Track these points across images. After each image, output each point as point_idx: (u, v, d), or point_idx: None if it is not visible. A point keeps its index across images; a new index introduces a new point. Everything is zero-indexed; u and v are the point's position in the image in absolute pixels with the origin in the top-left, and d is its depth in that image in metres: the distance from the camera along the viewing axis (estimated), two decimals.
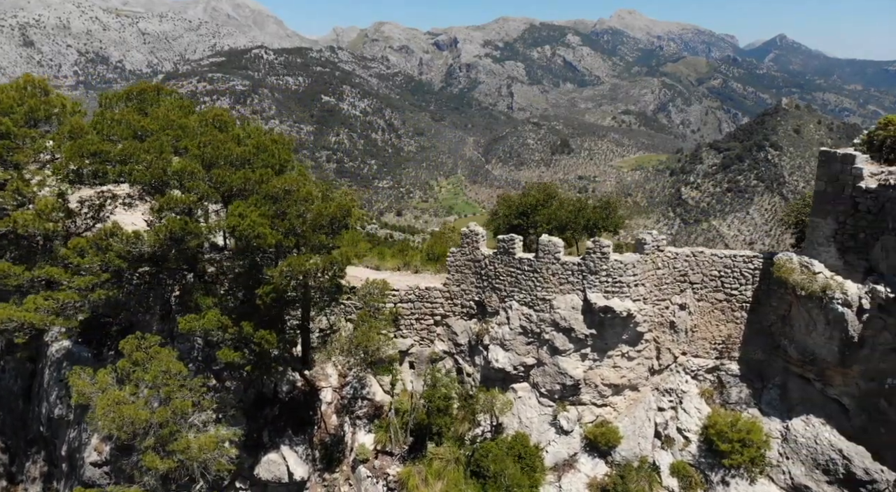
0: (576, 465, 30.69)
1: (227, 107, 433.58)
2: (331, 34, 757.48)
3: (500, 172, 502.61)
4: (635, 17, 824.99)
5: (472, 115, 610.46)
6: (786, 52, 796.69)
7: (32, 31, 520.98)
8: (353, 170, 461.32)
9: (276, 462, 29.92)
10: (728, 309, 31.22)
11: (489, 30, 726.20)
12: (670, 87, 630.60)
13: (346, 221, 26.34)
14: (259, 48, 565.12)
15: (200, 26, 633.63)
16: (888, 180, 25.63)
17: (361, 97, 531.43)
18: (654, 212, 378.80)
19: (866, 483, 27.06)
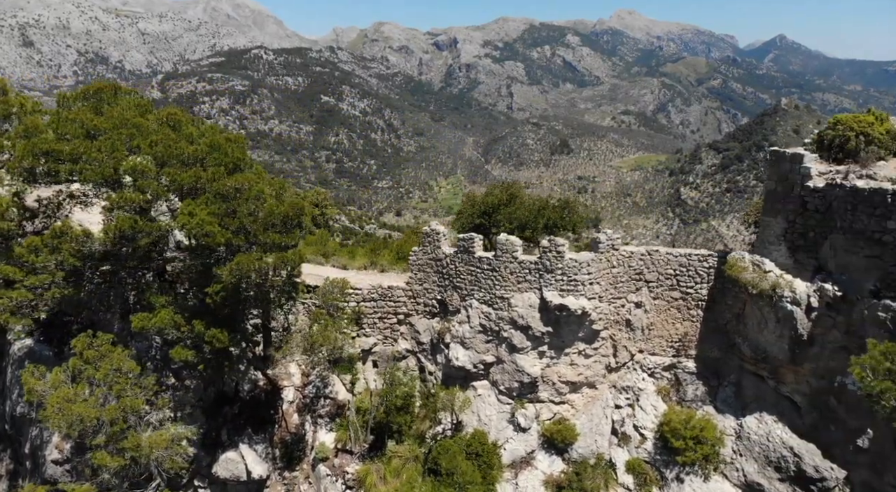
0: (533, 462, 30.91)
1: (226, 107, 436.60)
2: (330, 34, 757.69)
3: (499, 173, 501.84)
4: (635, 18, 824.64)
5: (472, 116, 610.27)
6: (785, 53, 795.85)
7: (32, 31, 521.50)
8: (353, 170, 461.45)
9: (235, 461, 30.09)
10: (684, 307, 31.45)
11: (489, 30, 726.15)
12: (670, 87, 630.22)
13: (299, 221, 26.49)
14: (259, 48, 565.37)
15: (200, 26, 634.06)
16: (835, 179, 25.84)
17: (361, 97, 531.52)
18: (654, 212, 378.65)
19: (816, 481, 27.25)
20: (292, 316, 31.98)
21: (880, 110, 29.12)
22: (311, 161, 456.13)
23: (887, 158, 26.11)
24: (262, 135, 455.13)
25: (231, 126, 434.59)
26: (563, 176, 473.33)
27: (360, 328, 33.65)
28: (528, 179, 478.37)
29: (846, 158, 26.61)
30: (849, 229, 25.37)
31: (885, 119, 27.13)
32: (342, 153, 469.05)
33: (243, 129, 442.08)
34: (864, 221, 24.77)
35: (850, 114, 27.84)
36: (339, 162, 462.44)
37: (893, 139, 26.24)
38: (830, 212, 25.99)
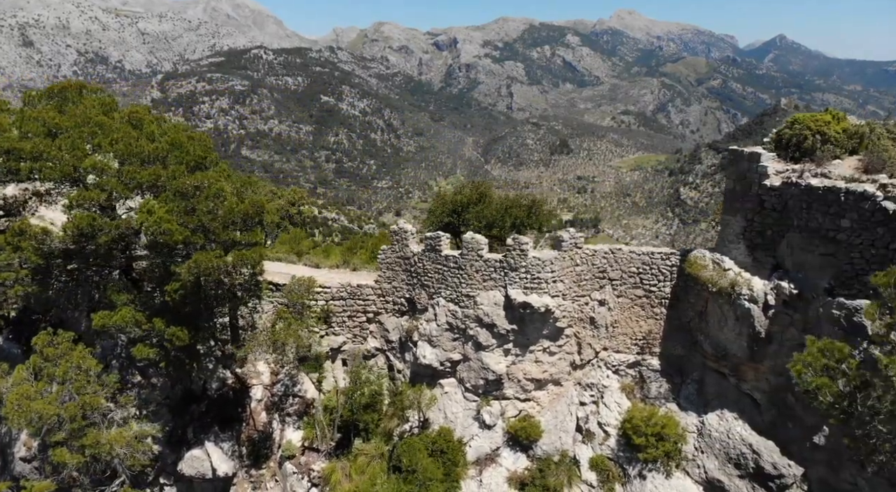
0: (497, 459, 31.09)
1: (226, 107, 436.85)
2: (330, 34, 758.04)
3: (499, 173, 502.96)
4: (635, 18, 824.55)
5: (472, 116, 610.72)
6: (785, 53, 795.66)
7: (32, 31, 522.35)
8: (353, 170, 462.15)
9: (200, 458, 30.27)
10: (647, 305, 31.63)
11: (489, 30, 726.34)
12: (670, 87, 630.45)
13: (260, 219, 26.71)
14: (258, 48, 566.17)
15: (200, 26, 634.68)
16: (791, 178, 26.00)
17: (361, 97, 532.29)
18: (653, 212, 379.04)
19: (774, 477, 27.42)
20: (258, 314, 32.08)
21: (838, 110, 29.33)
22: (311, 161, 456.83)
23: (843, 157, 26.26)
24: (262, 135, 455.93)
25: (231, 126, 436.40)
26: (563, 176, 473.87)
27: (328, 327, 33.81)
28: (527, 179, 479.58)
29: (803, 157, 26.77)
30: (805, 228, 25.54)
31: (843, 118, 27.30)
32: (342, 153, 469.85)
33: (243, 129, 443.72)
34: (818, 219, 24.94)
35: (808, 113, 27.99)
36: (338, 162, 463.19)
37: (850, 138, 26.39)
38: (787, 210, 26.17)
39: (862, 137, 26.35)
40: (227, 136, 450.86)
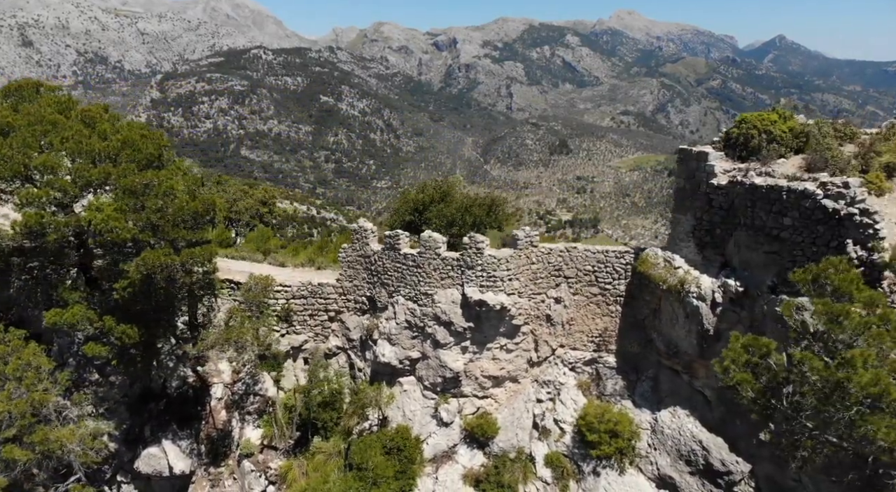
0: (454, 456, 31.30)
1: (225, 107, 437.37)
2: (330, 34, 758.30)
3: (498, 173, 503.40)
4: (634, 18, 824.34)
5: (471, 116, 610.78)
6: (785, 53, 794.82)
7: (31, 31, 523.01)
8: (352, 170, 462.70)
9: (157, 456, 30.51)
10: (603, 303, 31.84)
11: (488, 30, 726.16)
12: (669, 87, 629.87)
13: (210, 217, 26.92)
14: (258, 48, 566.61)
15: (199, 26, 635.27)
16: (736, 177, 26.21)
17: (360, 97, 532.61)
18: (653, 212, 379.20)
19: (723, 474, 27.62)
20: (214, 313, 32.25)
21: (787, 108, 29.53)
22: (310, 161, 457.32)
23: (788, 156, 26.47)
24: (261, 135, 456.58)
25: (230, 126, 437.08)
26: (562, 176, 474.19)
27: (289, 325, 33.99)
28: (526, 180, 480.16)
29: (750, 156, 26.99)
30: (750, 226, 25.75)
31: (790, 117, 27.50)
32: (341, 153, 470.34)
33: (242, 129, 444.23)
34: (762, 217, 25.14)
35: (756, 112, 28.19)
36: (338, 162, 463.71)
37: (795, 137, 26.60)
38: (734, 209, 26.38)
39: (808, 136, 26.55)
40: (227, 136, 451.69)
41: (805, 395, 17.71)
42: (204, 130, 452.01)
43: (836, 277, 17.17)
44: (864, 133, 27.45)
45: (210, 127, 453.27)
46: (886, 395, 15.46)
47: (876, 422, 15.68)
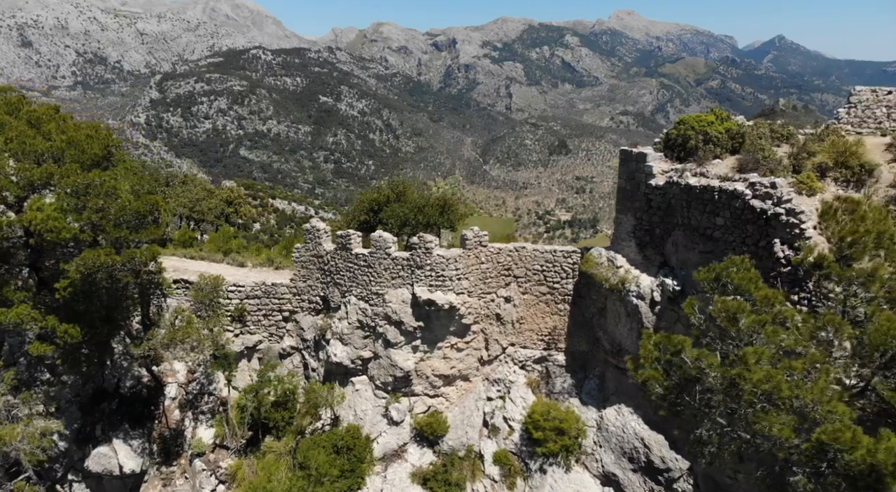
0: (404, 455, 31.59)
1: (224, 107, 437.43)
2: (329, 35, 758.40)
3: (497, 173, 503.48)
4: (634, 18, 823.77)
5: (471, 116, 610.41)
6: (784, 53, 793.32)
7: (30, 32, 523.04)
8: (351, 170, 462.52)
9: (107, 455, 30.75)
10: (552, 302, 32.10)
11: (488, 30, 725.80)
12: (669, 87, 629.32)
13: (154, 217, 27.15)
14: (257, 48, 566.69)
15: (199, 27, 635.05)
16: (673, 177, 26.48)
17: (359, 98, 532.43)
18: None
19: (663, 471, 27.89)
20: (164, 313, 32.47)
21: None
22: (310, 161, 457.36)
23: (724, 157, 26.71)
24: (261, 135, 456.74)
25: (229, 126, 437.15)
26: (562, 176, 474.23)
27: (244, 326, 34.25)
28: (526, 180, 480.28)
29: (688, 157, 27.25)
30: (687, 226, 26.01)
31: (727, 118, 27.76)
32: (340, 153, 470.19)
33: (241, 129, 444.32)
34: (697, 217, 25.41)
35: (694, 113, 28.43)
36: (337, 162, 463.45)
37: (732, 138, 26.83)
38: (671, 209, 26.66)
39: (744, 136, 26.78)
40: (226, 136, 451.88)
41: (713, 391, 17.97)
42: (203, 130, 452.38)
43: (736, 276, 17.42)
44: (800, 133, 27.68)
45: (209, 127, 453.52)
46: (778, 391, 15.69)
47: (769, 418, 15.91)
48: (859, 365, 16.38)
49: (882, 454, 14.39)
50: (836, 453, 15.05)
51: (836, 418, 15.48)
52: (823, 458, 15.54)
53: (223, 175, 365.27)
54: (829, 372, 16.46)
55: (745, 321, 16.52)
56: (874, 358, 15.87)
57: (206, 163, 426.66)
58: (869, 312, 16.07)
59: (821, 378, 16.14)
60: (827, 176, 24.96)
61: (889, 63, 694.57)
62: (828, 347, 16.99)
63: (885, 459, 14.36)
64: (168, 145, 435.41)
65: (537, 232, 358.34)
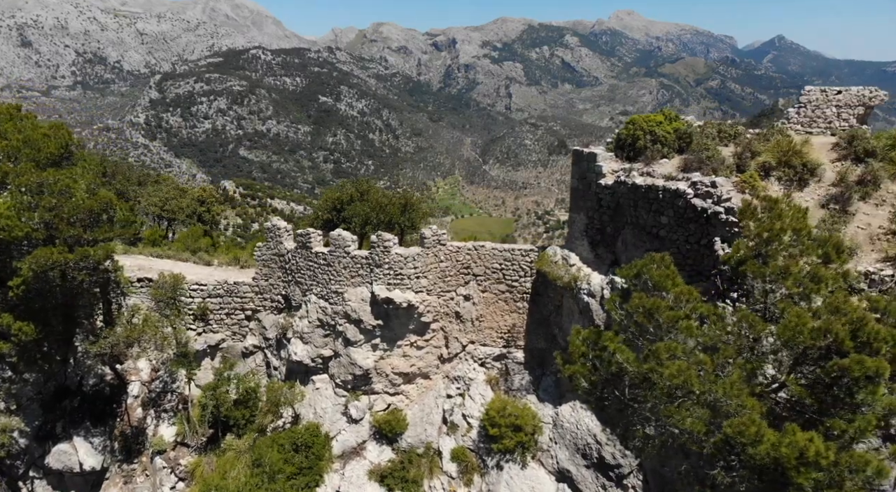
0: (363, 452, 31.81)
1: (224, 107, 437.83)
2: (329, 35, 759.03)
3: (497, 173, 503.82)
4: (634, 18, 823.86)
5: (470, 116, 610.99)
6: (784, 53, 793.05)
7: (30, 32, 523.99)
8: (351, 170, 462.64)
9: (67, 453, 30.99)
10: (511, 300, 32.36)
11: (488, 30, 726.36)
12: (668, 87, 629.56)
13: (109, 215, 27.42)
14: (257, 49, 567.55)
15: (199, 27, 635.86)
16: (621, 177, 26.73)
17: (359, 98, 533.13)
18: None
19: (614, 467, 28.12)
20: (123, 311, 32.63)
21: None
22: (309, 161, 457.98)
23: (670, 156, 26.96)
24: (260, 135, 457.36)
25: (228, 126, 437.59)
26: (561, 176, 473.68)
27: (206, 324, 34.46)
28: (525, 180, 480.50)
29: (637, 157, 27.49)
30: (635, 224, 26.26)
31: (675, 118, 27.99)
32: (340, 153, 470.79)
33: (241, 129, 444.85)
34: (644, 216, 25.65)
35: (644, 114, 28.69)
36: (336, 162, 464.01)
37: (679, 138, 27.08)
38: (620, 208, 26.91)
39: (691, 136, 27.03)
40: (225, 136, 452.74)
41: (634, 386, 18.24)
42: (203, 130, 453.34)
43: (655, 273, 17.67)
44: (748, 133, 27.94)
45: (209, 127, 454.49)
46: (689, 386, 15.95)
47: (680, 412, 16.19)
48: (773, 361, 16.63)
49: (785, 448, 14.63)
50: (742, 447, 15.31)
51: (746, 413, 15.75)
52: (732, 451, 15.82)
53: (222, 175, 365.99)
54: (743, 367, 16.74)
55: (660, 317, 16.78)
56: (785, 354, 16.11)
57: (206, 163, 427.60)
58: (780, 308, 16.31)
59: (734, 373, 16.42)
60: (771, 175, 25.23)
61: (889, 63, 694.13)
62: (754, 343, 17.25)
63: (787, 453, 14.59)
64: (167, 145, 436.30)
65: (536, 232, 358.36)
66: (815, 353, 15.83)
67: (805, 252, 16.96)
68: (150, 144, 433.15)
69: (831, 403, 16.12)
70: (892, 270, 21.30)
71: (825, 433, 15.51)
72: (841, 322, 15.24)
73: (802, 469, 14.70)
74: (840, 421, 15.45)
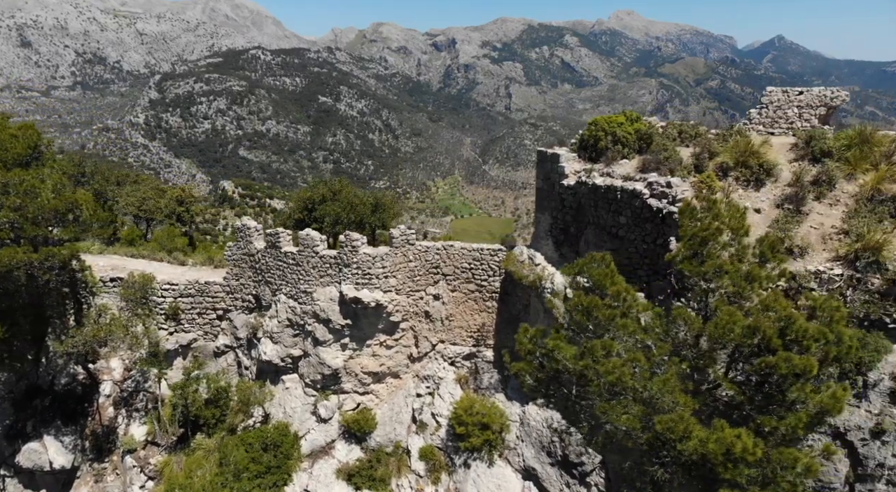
0: (332, 451, 31.99)
1: (223, 107, 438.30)
2: (329, 35, 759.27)
3: (497, 173, 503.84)
4: (634, 18, 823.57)
5: (470, 116, 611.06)
6: (784, 53, 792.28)
7: (30, 32, 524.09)
8: (350, 170, 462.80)
9: (38, 451, 31.16)
10: (480, 299, 32.54)
11: (487, 30, 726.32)
12: (668, 87, 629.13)
13: (75, 215, 27.58)
14: (256, 49, 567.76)
15: (198, 27, 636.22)
16: (582, 177, 26.91)
17: (359, 98, 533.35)
18: None
19: (577, 465, 28.29)
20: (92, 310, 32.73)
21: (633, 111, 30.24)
22: (309, 161, 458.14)
23: (631, 157, 27.12)
24: (260, 135, 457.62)
25: (228, 126, 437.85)
26: None
27: (178, 324, 34.62)
28: (525, 180, 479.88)
29: (599, 157, 27.67)
30: (596, 224, 26.45)
31: (637, 119, 28.14)
32: (339, 154, 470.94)
33: (240, 129, 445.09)
34: (604, 216, 25.85)
35: (606, 115, 28.87)
36: (336, 162, 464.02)
37: (640, 139, 27.23)
38: (582, 208, 27.09)
39: (651, 137, 27.20)
40: (225, 136, 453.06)
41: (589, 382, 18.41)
42: (202, 130, 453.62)
43: (595, 272, 17.86)
44: (709, 134, 28.09)
45: (208, 127, 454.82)
46: (622, 383, 16.14)
47: (615, 409, 16.37)
48: (710, 359, 16.80)
49: (713, 444, 14.79)
50: (672, 444, 15.48)
51: (680, 409, 15.93)
52: (664, 448, 16.01)
53: (222, 175, 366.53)
54: (680, 365, 16.92)
55: (598, 315, 16.96)
56: (717, 351, 16.30)
57: (206, 163, 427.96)
58: (713, 306, 16.49)
59: (670, 371, 16.59)
60: (729, 175, 25.38)
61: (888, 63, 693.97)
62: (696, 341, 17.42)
63: (715, 449, 14.75)
64: (167, 146, 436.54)
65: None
66: (747, 351, 16.01)
67: (741, 252, 17.13)
68: (150, 144, 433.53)
69: (765, 401, 16.31)
70: (841, 270, 21.47)
71: (756, 430, 15.69)
72: (770, 321, 15.41)
73: (730, 465, 14.86)
74: (770, 418, 15.63)
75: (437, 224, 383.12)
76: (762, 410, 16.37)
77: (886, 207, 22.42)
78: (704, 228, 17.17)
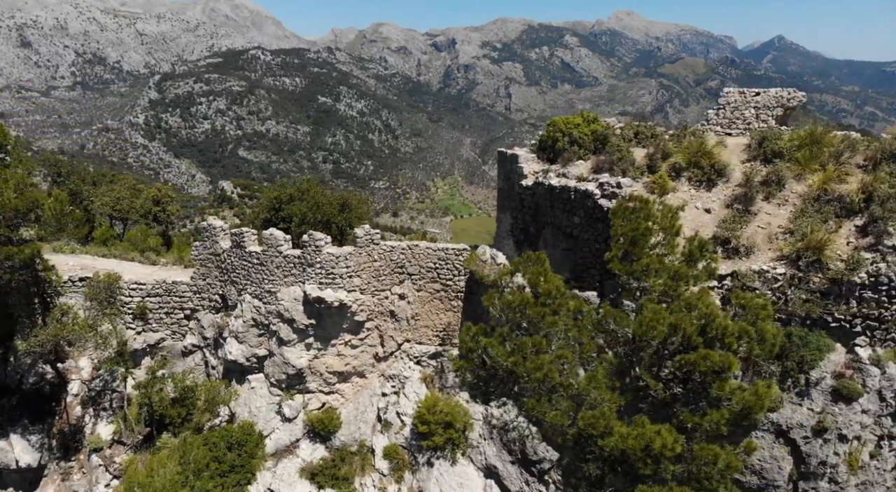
0: (296, 451, 32.09)
1: (223, 107, 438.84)
2: (329, 35, 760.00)
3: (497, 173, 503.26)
4: (633, 19, 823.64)
5: (470, 116, 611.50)
6: (784, 54, 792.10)
7: (30, 32, 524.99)
8: (350, 170, 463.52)
9: (4, 450, 31.28)
10: (445, 298, 32.65)
11: (487, 31, 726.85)
12: (668, 88, 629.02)
13: (37, 214, 27.75)
14: (256, 49, 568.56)
15: (198, 27, 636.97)
16: (539, 178, 27.08)
17: (359, 98, 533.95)
18: None
19: (536, 462, 28.43)
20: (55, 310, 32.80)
21: (590, 112, 30.45)
22: (308, 162, 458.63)
23: (586, 158, 27.29)
24: (259, 135, 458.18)
25: (228, 127, 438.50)
26: None
27: (146, 323, 34.75)
28: None
29: (557, 158, 27.83)
30: (553, 224, 26.63)
31: (594, 121, 28.31)
32: (339, 154, 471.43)
33: (240, 129, 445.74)
34: (559, 216, 26.02)
35: (564, 116, 29.05)
36: (336, 163, 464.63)
37: (596, 140, 27.41)
38: (540, 208, 27.24)
39: (607, 138, 27.36)
40: (225, 136, 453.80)
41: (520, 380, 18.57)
42: (202, 130, 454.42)
43: (529, 270, 18.02)
44: (665, 135, 28.25)
45: (208, 127, 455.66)
46: (549, 379, 16.30)
47: (542, 405, 16.54)
48: (636, 356, 16.97)
49: (632, 441, 14.95)
50: (594, 439, 15.64)
51: (605, 406, 16.09)
52: (587, 443, 16.17)
53: (222, 175, 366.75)
54: (610, 361, 17.08)
55: (529, 313, 17.13)
56: (642, 348, 16.46)
57: (205, 163, 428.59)
58: (640, 305, 16.65)
59: (599, 367, 16.75)
60: (682, 176, 25.55)
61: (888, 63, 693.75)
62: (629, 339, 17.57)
63: (634, 445, 14.91)
64: (167, 146, 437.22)
65: None
66: (671, 348, 16.17)
67: (669, 251, 17.29)
68: (150, 144, 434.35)
69: (692, 398, 16.46)
70: (784, 269, 21.63)
71: (679, 427, 15.83)
72: (691, 319, 15.58)
73: (650, 461, 15.02)
74: (692, 415, 15.78)
75: (437, 224, 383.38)
76: (690, 407, 16.53)
77: (832, 206, 22.59)
78: (634, 228, 17.33)
